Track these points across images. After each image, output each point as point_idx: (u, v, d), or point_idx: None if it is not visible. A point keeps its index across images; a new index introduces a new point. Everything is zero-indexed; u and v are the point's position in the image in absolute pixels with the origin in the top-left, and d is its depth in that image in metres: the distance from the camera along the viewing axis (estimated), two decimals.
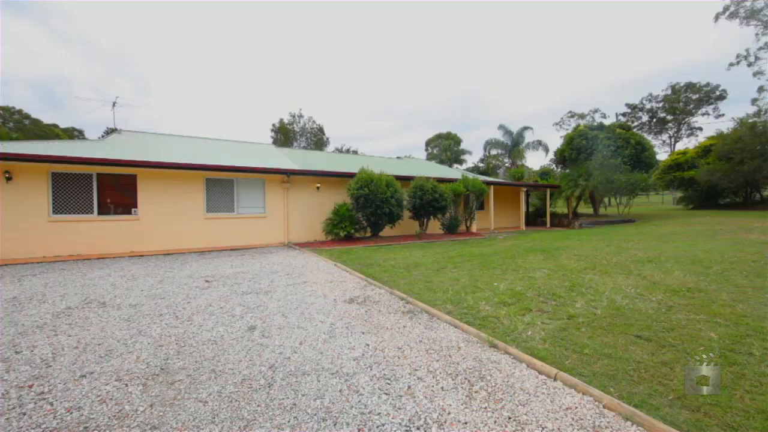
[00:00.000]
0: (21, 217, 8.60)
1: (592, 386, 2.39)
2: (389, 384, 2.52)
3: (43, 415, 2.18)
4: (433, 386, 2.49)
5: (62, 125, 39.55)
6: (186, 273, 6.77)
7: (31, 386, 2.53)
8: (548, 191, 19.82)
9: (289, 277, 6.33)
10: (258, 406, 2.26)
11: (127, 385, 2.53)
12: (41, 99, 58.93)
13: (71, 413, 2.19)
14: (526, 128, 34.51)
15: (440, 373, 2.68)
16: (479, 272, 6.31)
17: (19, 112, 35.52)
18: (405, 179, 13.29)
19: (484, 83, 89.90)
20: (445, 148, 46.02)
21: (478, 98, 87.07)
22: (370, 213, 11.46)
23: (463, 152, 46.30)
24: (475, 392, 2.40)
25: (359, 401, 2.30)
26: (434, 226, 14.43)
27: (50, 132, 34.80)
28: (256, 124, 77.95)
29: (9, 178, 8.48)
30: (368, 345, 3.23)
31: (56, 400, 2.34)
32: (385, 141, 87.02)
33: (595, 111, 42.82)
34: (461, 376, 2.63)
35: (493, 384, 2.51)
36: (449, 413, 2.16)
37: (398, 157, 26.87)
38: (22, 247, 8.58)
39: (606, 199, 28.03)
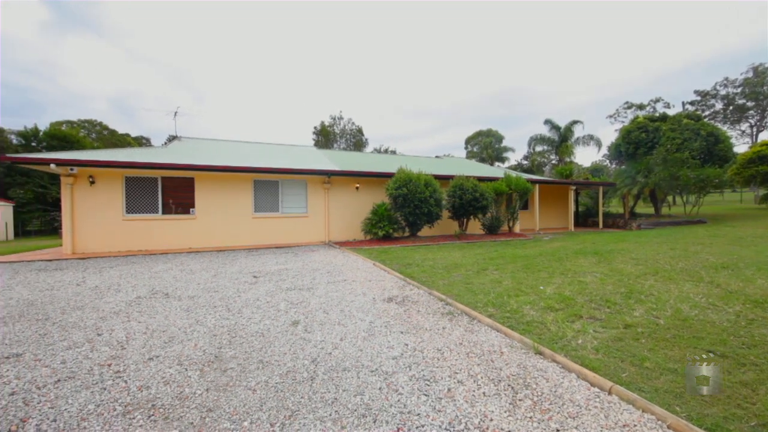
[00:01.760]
0: (102, 216, 9.81)
1: (653, 403, 2.17)
2: (428, 385, 2.50)
3: (119, 391, 2.46)
4: (474, 391, 2.42)
5: (133, 134, 44.44)
6: (236, 268, 7.26)
7: (109, 365, 2.87)
8: (601, 189, 18.33)
9: (330, 275, 6.52)
10: (301, 397, 2.36)
11: (186, 370, 2.78)
12: (116, 111, 66.71)
13: (141, 391, 2.45)
14: (575, 122, 32.24)
15: (482, 377, 2.60)
16: (523, 275, 6.02)
17: (100, 123, 40.52)
18: (444, 178, 13.08)
19: (528, 76, 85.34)
20: (486, 145, 44.54)
21: (522, 93, 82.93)
22: (409, 213, 11.43)
23: (506, 149, 44.48)
24: (520, 400, 2.30)
25: (398, 400, 2.31)
26: (474, 226, 14.04)
27: (123, 141, 39.27)
28: (299, 127, 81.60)
29: (92, 182, 9.70)
30: (407, 345, 3.23)
31: (129, 379, 2.63)
32: (424, 140, 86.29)
33: (657, 100, 38.83)
34: (504, 382, 2.53)
35: (539, 393, 2.38)
36: (491, 420, 2.09)
37: (437, 156, 26.51)
38: (103, 242, 9.78)
39: (670, 198, 25.34)
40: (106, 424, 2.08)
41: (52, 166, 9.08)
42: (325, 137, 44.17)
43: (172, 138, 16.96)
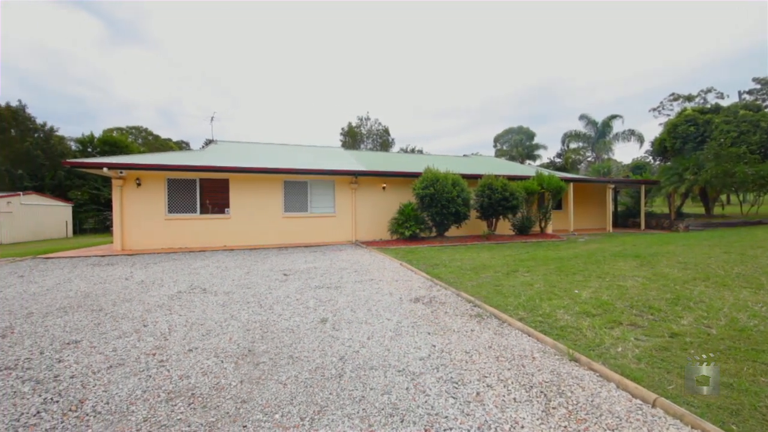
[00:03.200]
0: (147, 216, 10.55)
1: (705, 420, 2.00)
2: (456, 388, 2.46)
3: (163, 379, 2.63)
4: (504, 396, 2.35)
5: (174, 138, 47.36)
6: (268, 266, 7.54)
7: (154, 354, 3.08)
8: (643, 188, 17.16)
9: (357, 274, 6.60)
10: (330, 394, 2.41)
11: (222, 362, 2.92)
12: (159, 117, 71.35)
13: (182, 380, 2.61)
14: (614, 117, 30.44)
15: (512, 382, 2.53)
16: (556, 278, 5.76)
17: (146, 130, 43.61)
18: (472, 177, 12.82)
19: (561, 69, 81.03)
20: (516, 143, 43.07)
21: (555, 87, 79.03)
22: (436, 213, 11.31)
23: (537, 147, 42.74)
24: (553, 408, 2.20)
25: (425, 402, 2.29)
26: (504, 226, 13.64)
27: (166, 145, 41.97)
28: (327, 128, 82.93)
29: (139, 184, 10.45)
30: (434, 346, 3.20)
31: (172, 368, 2.81)
32: (451, 139, 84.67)
33: (708, 90, 35.65)
34: (536, 388, 2.44)
35: (575, 402, 2.27)
36: (522, 427, 2.02)
37: (464, 155, 26.02)
38: (148, 240, 10.51)
39: (723, 197, 23.25)
40: (151, 409, 2.24)
41: (105, 169, 9.89)
42: (352, 138, 44.71)
43: (209, 142, 17.91)
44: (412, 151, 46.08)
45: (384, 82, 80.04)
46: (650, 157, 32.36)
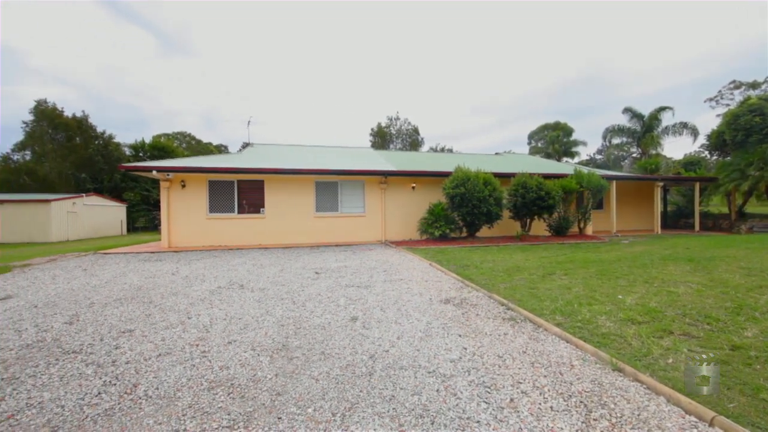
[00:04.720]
0: (191, 215, 11.27)
1: None
2: (489, 393, 2.39)
3: (205, 369, 2.80)
4: (540, 404, 2.26)
5: (215, 142, 50.32)
6: (300, 264, 7.77)
7: (197, 345, 3.29)
8: (697, 185, 15.71)
9: (387, 273, 6.62)
10: (360, 391, 2.44)
11: (259, 355, 3.05)
12: (201, 123, 76.06)
13: (222, 371, 2.76)
14: (662, 109, 28.02)
15: (548, 390, 2.42)
16: (597, 281, 5.43)
17: (189, 135, 46.75)
18: (505, 176, 12.42)
19: (603, 58, 75.97)
20: (552, 140, 41.05)
21: (595, 79, 74.31)
22: (466, 212, 11.09)
23: (575, 143, 40.49)
24: (594, 420, 2.08)
25: (457, 405, 2.25)
26: (539, 227, 13.07)
27: (207, 149, 44.73)
28: (357, 129, 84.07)
29: (183, 186, 11.19)
30: (465, 349, 3.13)
31: (213, 359, 2.98)
32: (483, 137, 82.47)
33: None
34: (575, 398, 2.32)
35: (618, 414, 2.12)
36: None
37: (497, 153, 25.20)
38: (191, 238, 11.23)
39: None
40: (195, 396, 2.39)
41: (154, 172, 10.70)
42: (381, 138, 44.96)
43: (246, 145, 18.77)
44: (442, 150, 45.47)
45: (414, 81, 79.64)
46: (706, 152, 29.58)
